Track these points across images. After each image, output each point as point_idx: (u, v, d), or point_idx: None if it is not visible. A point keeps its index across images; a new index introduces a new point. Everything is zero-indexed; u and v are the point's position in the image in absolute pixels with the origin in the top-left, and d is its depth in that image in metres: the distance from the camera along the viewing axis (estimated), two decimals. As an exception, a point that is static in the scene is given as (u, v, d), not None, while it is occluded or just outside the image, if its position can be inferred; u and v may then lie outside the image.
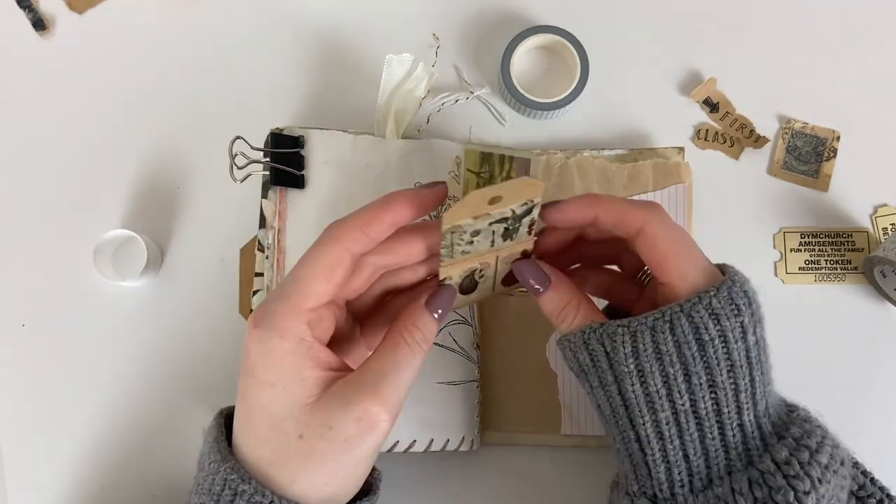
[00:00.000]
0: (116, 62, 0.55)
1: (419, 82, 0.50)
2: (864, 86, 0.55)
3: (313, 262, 0.36)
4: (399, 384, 0.35)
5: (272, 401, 0.35)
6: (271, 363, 0.35)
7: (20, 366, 0.52)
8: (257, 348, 0.35)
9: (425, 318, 0.37)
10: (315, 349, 0.35)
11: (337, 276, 0.36)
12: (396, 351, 0.36)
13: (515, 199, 0.35)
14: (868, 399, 0.52)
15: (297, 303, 0.35)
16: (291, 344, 0.35)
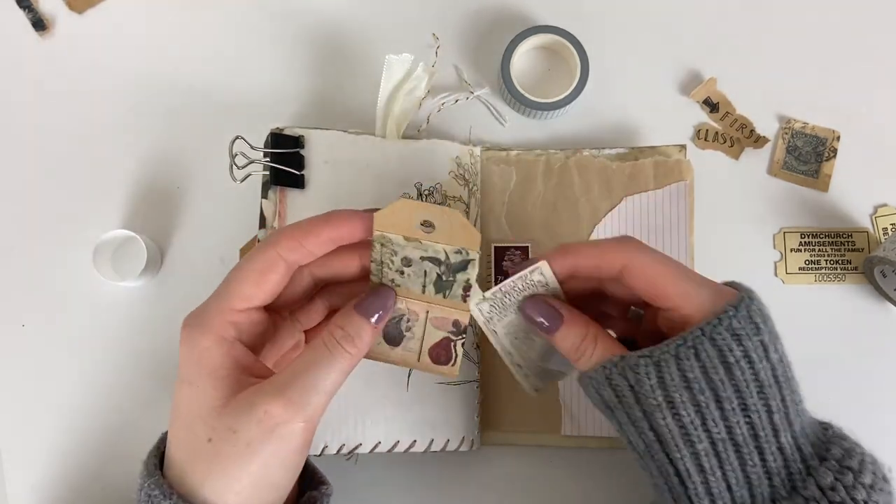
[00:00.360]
0: (116, 62, 0.55)
1: (419, 82, 0.50)
2: (864, 86, 0.55)
3: (246, 265, 0.35)
4: (310, 386, 0.34)
5: (188, 400, 0.34)
6: (192, 361, 0.34)
7: (20, 366, 0.52)
8: (183, 347, 0.34)
9: (352, 318, 0.36)
10: (237, 350, 0.35)
11: (269, 281, 0.35)
12: (313, 351, 0.35)
13: (449, 238, 0.35)
14: (868, 399, 0.52)
15: (224, 302, 0.35)
16: (211, 342, 0.34)
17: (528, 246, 0.52)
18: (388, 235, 0.35)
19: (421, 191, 0.50)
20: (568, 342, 0.37)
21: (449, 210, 0.36)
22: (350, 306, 0.36)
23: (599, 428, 0.49)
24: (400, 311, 0.38)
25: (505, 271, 0.51)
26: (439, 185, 0.50)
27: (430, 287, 0.37)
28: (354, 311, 0.36)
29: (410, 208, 0.35)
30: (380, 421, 0.47)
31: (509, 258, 0.52)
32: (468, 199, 0.51)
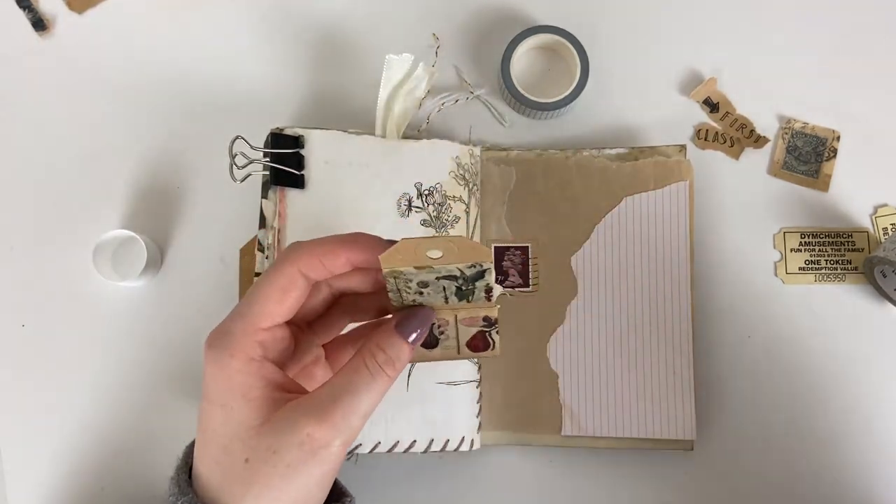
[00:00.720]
0: (116, 62, 0.55)
1: (419, 82, 0.50)
2: (864, 86, 0.55)
3: (267, 283, 0.35)
4: (352, 409, 0.34)
5: (222, 422, 0.34)
6: (222, 383, 0.34)
7: (20, 366, 0.52)
8: (210, 368, 0.34)
9: (393, 341, 0.36)
10: (266, 369, 0.34)
11: (290, 298, 0.35)
12: (354, 374, 0.35)
13: (459, 259, 0.35)
14: (868, 399, 0.52)
15: (249, 322, 0.34)
16: (241, 363, 0.34)
17: (528, 246, 0.52)
18: (398, 269, 0.35)
19: (421, 191, 0.50)
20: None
21: (453, 236, 0.35)
22: (390, 329, 0.36)
23: (599, 428, 0.49)
24: None
25: (505, 271, 0.51)
26: (439, 184, 0.50)
27: (452, 298, 0.37)
28: (395, 334, 0.36)
29: (414, 245, 0.35)
30: (380, 421, 0.47)
31: (509, 258, 0.52)
32: (468, 199, 0.51)
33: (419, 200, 0.50)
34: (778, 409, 0.51)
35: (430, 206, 0.50)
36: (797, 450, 0.51)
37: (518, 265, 0.51)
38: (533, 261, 0.52)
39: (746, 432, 0.51)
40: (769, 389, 0.52)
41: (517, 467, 0.51)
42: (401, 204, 0.50)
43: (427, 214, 0.50)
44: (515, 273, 0.51)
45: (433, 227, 0.50)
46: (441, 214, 0.50)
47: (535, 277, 0.51)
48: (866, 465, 0.51)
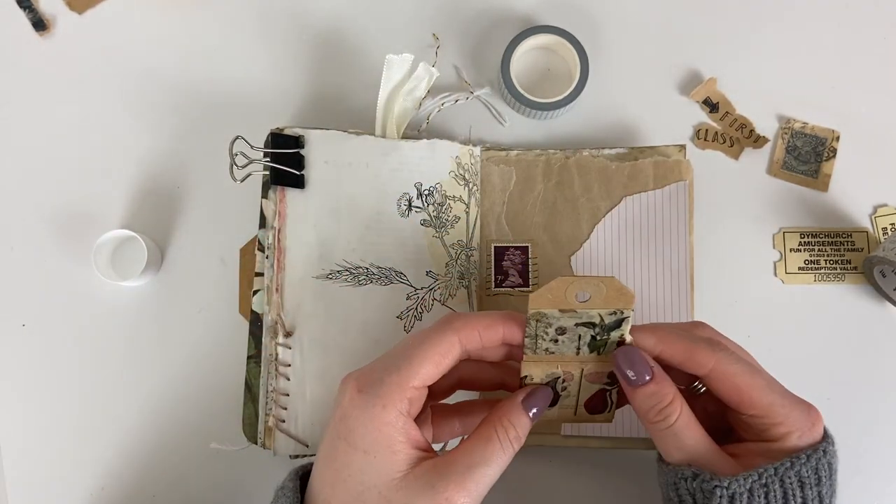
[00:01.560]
0: (116, 62, 0.55)
1: (419, 82, 0.50)
2: (864, 86, 0.55)
3: (430, 344, 0.37)
4: (485, 479, 0.36)
5: (362, 468, 0.35)
6: (370, 431, 0.35)
7: (20, 366, 0.52)
8: (359, 413, 0.35)
9: (520, 416, 0.37)
10: (410, 426, 0.36)
11: (445, 364, 0.37)
12: (488, 446, 0.36)
13: (604, 303, 0.36)
14: (868, 399, 0.52)
15: (405, 378, 0.36)
16: (391, 416, 0.35)
17: (528, 246, 0.52)
18: (543, 311, 0.36)
19: (421, 191, 0.50)
20: (650, 401, 0.37)
21: (605, 278, 0.36)
22: (518, 404, 0.38)
23: (599, 428, 0.49)
24: (555, 373, 0.39)
25: (505, 271, 0.51)
26: (439, 184, 0.50)
27: (584, 348, 0.38)
28: (523, 410, 0.38)
29: (566, 284, 0.36)
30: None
31: (509, 258, 0.52)
32: (468, 199, 0.51)
33: (419, 200, 0.50)
34: (778, 409, 0.51)
35: (429, 206, 0.50)
36: (797, 449, 0.51)
37: (518, 265, 0.52)
38: (533, 261, 0.52)
39: (746, 432, 0.51)
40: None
41: (517, 467, 0.51)
42: (401, 204, 0.50)
43: (427, 214, 0.50)
44: (515, 273, 0.51)
45: (433, 226, 0.50)
46: (441, 214, 0.50)
47: (535, 277, 0.51)
48: (866, 465, 0.51)
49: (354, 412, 0.35)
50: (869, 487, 0.51)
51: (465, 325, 0.37)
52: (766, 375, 0.38)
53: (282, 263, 0.48)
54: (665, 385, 0.37)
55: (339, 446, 0.36)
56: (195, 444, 0.51)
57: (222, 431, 0.51)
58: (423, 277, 0.49)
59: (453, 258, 0.50)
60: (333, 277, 0.48)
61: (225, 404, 0.51)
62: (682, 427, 0.37)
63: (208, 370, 0.51)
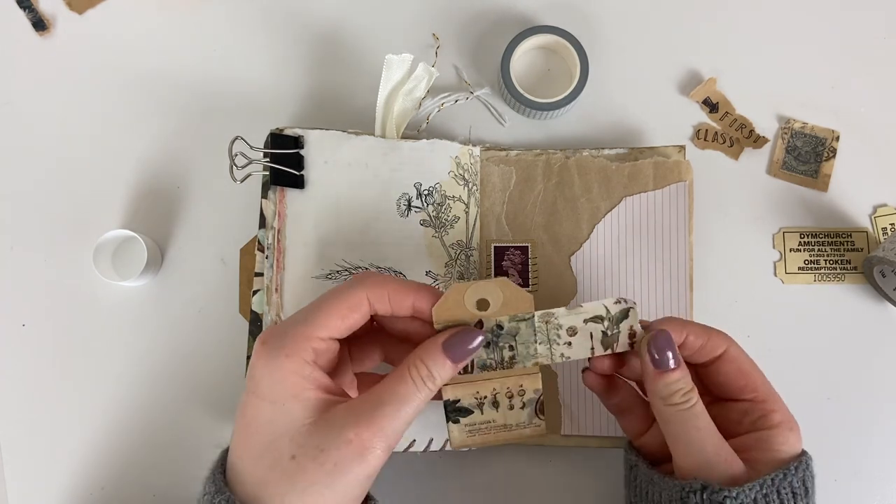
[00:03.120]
0: (116, 62, 0.55)
1: (419, 82, 0.50)
2: (864, 86, 0.55)
3: (336, 298, 0.37)
4: (396, 416, 0.35)
5: (271, 418, 0.35)
6: (276, 381, 0.35)
7: (20, 366, 0.52)
8: (263, 364, 0.36)
9: (437, 358, 0.37)
10: (318, 373, 0.36)
11: (352, 319, 0.37)
12: (400, 384, 0.36)
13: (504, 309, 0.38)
14: (868, 399, 0.52)
15: (310, 329, 0.36)
16: (296, 364, 0.35)
17: (528, 246, 0.52)
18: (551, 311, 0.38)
19: (420, 191, 0.50)
20: (677, 386, 0.38)
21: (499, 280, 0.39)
22: (437, 345, 0.37)
23: (599, 428, 0.49)
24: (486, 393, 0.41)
25: (505, 271, 0.51)
26: (439, 184, 0.50)
27: (598, 348, 0.40)
28: (441, 351, 0.37)
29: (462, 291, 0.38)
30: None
31: (509, 258, 0.52)
32: (468, 199, 0.51)
33: (419, 200, 0.50)
34: (777, 409, 0.51)
35: (429, 206, 0.50)
36: (797, 450, 0.51)
37: (518, 265, 0.52)
38: (533, 261, 0.52)
39: (746, 432, 0.51)
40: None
41: (517, 467, 0.51)
42: (400, 204, 0.50)
43: (427, 214, 0.50)
44: (515, 273, 0.51)
45: (432, 226, 0.50)
46: (440, 214, 0.50)
47: (534, 277, 0.51)
48: (866, 465, 0.51)
49: (259, 363, 0.36)
50: (869, 487, 0.51)
51: (375, 284, 0.37)
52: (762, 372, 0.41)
53: (282, 263, 0.48)
54: (687, 371, 0.39)
55: (249, 400, 0.36)
56: (195, 444, 0.51)
57: (222, 431, 0.51)
58: (422, 277, 0.49)
59: (453, 258, 0.50)
60: (333, 277, 0.48)
61: (225, 404, 0.51)
62: (701, 411, 0.38)
63: (208, 370, 0.51)
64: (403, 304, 0.38)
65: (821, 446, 0.51)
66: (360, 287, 0.37)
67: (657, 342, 0.39)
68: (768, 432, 0.39)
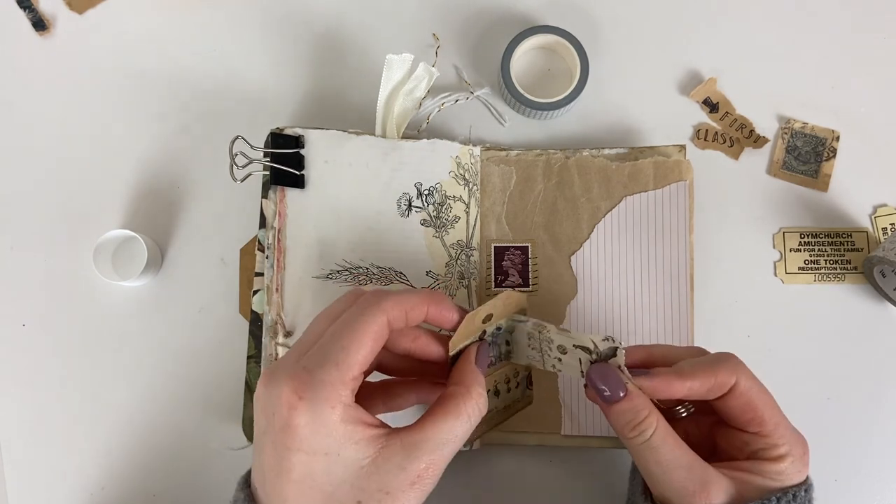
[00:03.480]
0: (116, 62, 0.55)
1: (419, 82, 0.50)
2: (864, 86, 0.55)
3: (361, 329, 0.35)
4: (453, 452, 0.36)
5: (327, 470, 0.34)
6: (324, 434, 0.34)
7: (20, 366, 0.52)
8: (307, 421, 0.33)
9: (478, 377, 0.38)
10: (361, 413, 0.35)
11: (379, 346, 0.36)
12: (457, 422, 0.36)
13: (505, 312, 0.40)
14: (868, 399, 0.52)
15: (345, 371, 0.34)
16: (340, 412, 0.34)
17: (528, 246, 0.52)
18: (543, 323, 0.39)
19: (421, 191, 0.50)
20: (624, 418, 0.38)
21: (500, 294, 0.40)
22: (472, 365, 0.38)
23: (599, 428, 0.49)
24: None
25: (505, 271, 0.51)
26: (439, 184, 0.50)
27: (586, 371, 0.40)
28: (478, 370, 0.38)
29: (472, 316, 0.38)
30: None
31: (509, 258, 0.52)
32: (468, 199, 0.51)
33: (419, 200, 0.50)
34: (778, 409, 0.51)
35: (429, 206, 0.50)
36: (797, 449, 0.51)
37: (518, 265, 0.52)
38: (533, 261, 0.52)
39: (746, 432, 0.51)
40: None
41: (517, 467, 0.51)
42: (401, 204, 0.50)
43: (427, 214, 0.50)
44: (515, 273, 0.51)
45: (433, 226, 0.50)
46: (441, 214, 0.50)
47: (535, 277, 0.51)
48: (866, 465, 0.51)
49: (301, 420, 0.33)
50: (869, 487, 0.51)
51: (391, 305, 0.36)
52: (772, 395, 0.39)
53: (282, 263, 0.48)
54: (639, 401, 0.38)
55: (292, 457, 0.34)
56: (195, 444, 0.51)
57: (222, 431, 0.51)
58: (422, 277, 0.49)
59: (453, 258, 0.50)
60: (333, 277, 0.48)
61: (225, 404, 0.51)
62: (660, 441, 0.37)
63: (208, 370, 0.51)
64: (419, 317, 0.38)
65: (821, 446, 0.51)
66: (379, 312, 0.36)
67: (598, 373, 0.38)
68: (767, 463, 0.38)
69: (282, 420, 0.34)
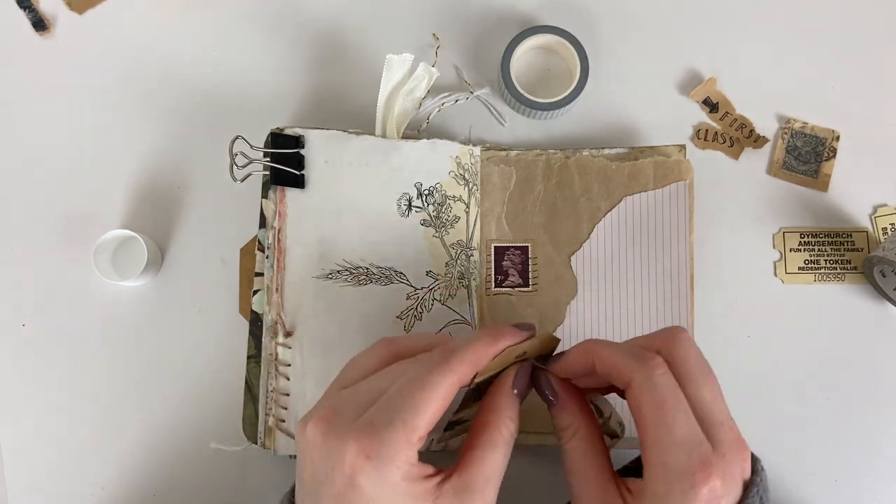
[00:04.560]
0: (116, 62, 0.55)
1: (419, 82, 0.50)
2: (864, 86, 0.55)
3: (431, 390, 0.34)
4: (500, 481, 0.36)
5: None
6: (390, 494, 0.33)
7: (20, 366, 0.52)
8: (373, 482, 0.33)
9: (515, 404, 0.38)
10: (422, 469, 0.35)
11: (447, 405, 0.35)
12: (497, 453, 0.36)
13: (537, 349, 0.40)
14: (868, 399, 0.52)
15: (412, 431, 0.34)
16: (405, 470, 0.34)
17: (528, 246, 0.52)
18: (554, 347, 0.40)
19: (421, 191, 0.50)
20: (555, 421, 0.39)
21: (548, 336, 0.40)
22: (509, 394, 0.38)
23: (599, 428, 0.49)
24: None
25: (505, 271, 0.51)
26: (439, 184, 0.50)
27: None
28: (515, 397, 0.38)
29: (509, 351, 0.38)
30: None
31: (509, 258, 0.52)
32: (468, 199, 0.51)
33: (419, 200, 0.50)
34: (777, 409, 0.51)
35: (429, 206, 0.50)
36: (797, 449, 0.51)
37: (518, 265, 0.52)
38: (533, 261, 0.52)
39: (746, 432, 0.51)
40: (769, 389, 0.52)
41: (517, 467, 0.51)
42: (401, 204, 0.50)
43: (427, 214, 0.50)
44: (515, 273, 0.51)
45: (433, 226, 0.50)
46: (441, 214, 0.50)
47: (535, 277, 0.51)
48: (866, 465, 0.51)
49: (367, 481, 0.33)
50: (869, 487, 0.51)
51: (461, 363, 0.35)
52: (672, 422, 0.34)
53: (282, 263, 0.48)
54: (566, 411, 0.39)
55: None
56: (195, 444, 0.51)
57: (222, 431, 0.51)
58: (423, 277, 0.49)
59: (453, 258, 0.50)
60: (333, 277, 0.48)
61: (225, 404, 0.51)
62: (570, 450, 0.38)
63: (208, 370, 0.51)
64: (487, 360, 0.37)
65: (821, 446, 0.51)
66: (452, 373, 0.35)
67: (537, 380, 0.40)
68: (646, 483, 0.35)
69: (345, 478, 0.33)
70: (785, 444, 0.51)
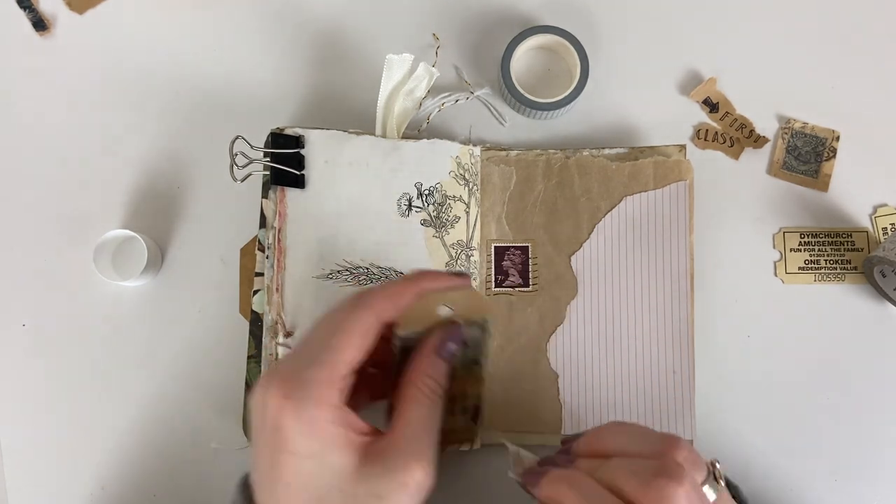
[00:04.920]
0: (116, 62, 0.55)
1: (419, 82, 0.50)
2: (864, 86, 0.55)
3: (348, 329, 0.35)
4: (432, 439, 0.35)
5: (314, 473, 0.33)
6: (311, 435, 0.33)
7: (20, 366, 0.52)
8: (293, 421, 0.33)
9: (438, 365, 0.37)
10: (349, 416, 0.34)
11: (367, 344, 0.35)
12: (421, 409, 0.36)
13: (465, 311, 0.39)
14: (868, 398, 0.52)
15: (333, 370, 0.34)
16: (328, 413, 0.33)
17: (528, 246, 0.52)
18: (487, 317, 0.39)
19: (421, 191, 0.50)
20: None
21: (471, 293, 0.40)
22: (433, 354, 0.37)
23: (599, 428, 0.49)
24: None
25: (505, 271, 0.51)
26: (439, 184, 0.50)
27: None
28: (438, 357, 0.37)
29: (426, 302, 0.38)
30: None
31: (509, 258, 0.52)
32: (468, 199, 0.51)
33: (419, 200, 0.50)
34: (778, 409, 0.51)
35: (430, 206, 0.50)
36: (797, 449, 0.51)
37: (518, 265, 0.52)
38: (533, 261, 0.52)
39: (746, 432, 0.51)
40: (769, 389, 0.52)
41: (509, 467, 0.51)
42: (401, 204, 0.50)
43: (427, 214, 0.50)
44: (515, 273, 0.51)
45: (433, 226, 0.50)
46: (441, 214, 0.50)
47: (535, 277, 0.51)
48: (866, 465, 0.51)
49: (288, 421, 0.33)
50: (869, 487, 0.51)
51: (377, 299, 0.36)
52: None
53: (282, 263, 0.48)
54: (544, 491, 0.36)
55: (281, 460, 0.33)
56: (195, 444, 0.51)
57: (222, 431, 0.51)
58: (423, 277, 0.49)
59: (453, 258, 0.50)
60: (333, 277, 0.48)
61: (225, 404, 0.51)
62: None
63: (208, 370, 0.51)
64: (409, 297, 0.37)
65: (821, 446, 0.51)
66: (366, 308, 0.35)
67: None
68: None
69: (272, 421, 0.33)
70: (785, 444, 0.51)
